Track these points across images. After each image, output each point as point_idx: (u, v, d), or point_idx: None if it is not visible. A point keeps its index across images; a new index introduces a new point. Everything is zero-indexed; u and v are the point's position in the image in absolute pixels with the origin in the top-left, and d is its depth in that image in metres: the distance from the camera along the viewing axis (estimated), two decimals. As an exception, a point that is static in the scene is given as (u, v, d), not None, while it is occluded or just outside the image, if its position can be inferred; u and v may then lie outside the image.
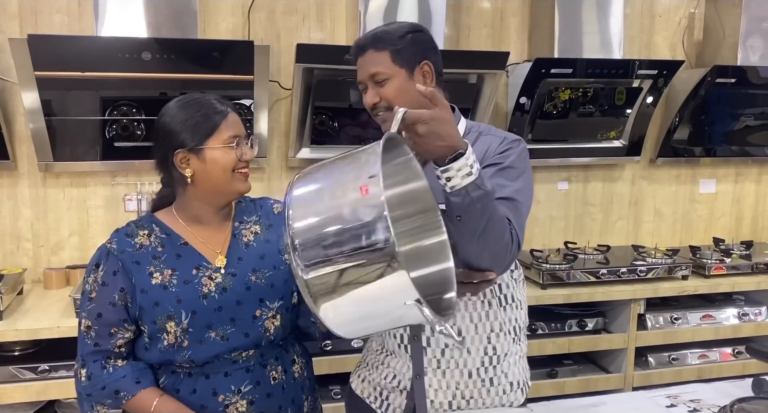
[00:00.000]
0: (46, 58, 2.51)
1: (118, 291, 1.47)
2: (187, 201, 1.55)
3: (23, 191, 2.84)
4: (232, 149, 1.49)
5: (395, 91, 1.55)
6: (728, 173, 3.78)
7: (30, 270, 2.86)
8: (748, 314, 3.27)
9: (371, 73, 1.55)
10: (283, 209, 1.09)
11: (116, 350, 1.49)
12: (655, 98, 3.31)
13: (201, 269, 1.51)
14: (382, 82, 1.55)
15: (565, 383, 3.00)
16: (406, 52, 1.56)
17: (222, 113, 1.50)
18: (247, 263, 1.55)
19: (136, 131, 2.80)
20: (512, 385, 1.72)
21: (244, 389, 1.52)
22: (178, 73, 2.69)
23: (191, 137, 1.47)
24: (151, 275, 1.47)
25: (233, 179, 1.51)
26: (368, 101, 1.58)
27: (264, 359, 1.56)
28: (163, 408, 1.46)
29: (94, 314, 1.47)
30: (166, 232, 1.54)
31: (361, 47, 1.59)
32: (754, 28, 3.33)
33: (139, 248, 1.50)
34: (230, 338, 1.49)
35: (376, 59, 1.55)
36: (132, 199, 2.92)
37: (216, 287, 1.50)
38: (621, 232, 3.64)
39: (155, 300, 1.46)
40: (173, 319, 1.45)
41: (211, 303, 1.48)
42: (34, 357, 2.49)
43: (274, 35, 3.00)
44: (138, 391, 1.47)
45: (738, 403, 1.41)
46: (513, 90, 3.20)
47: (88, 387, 1.49)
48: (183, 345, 1.47)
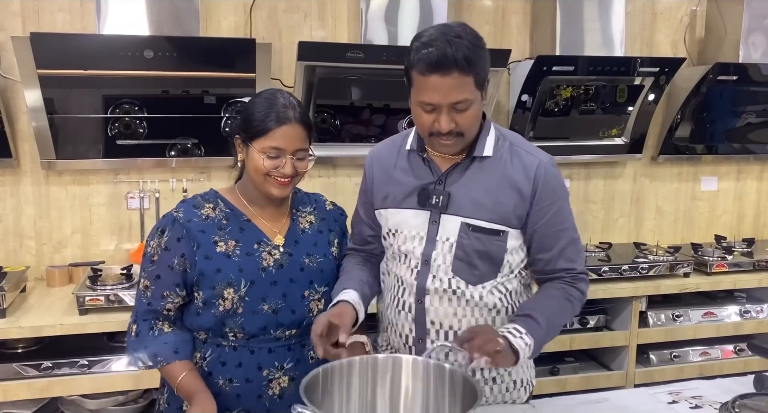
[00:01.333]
0: (48, 57, 2.51)
1: (179, 257, 1.57)
2: (247, 181, 1.65)
3: (26, 189, 2.85)
4: (264, 159, 1.54)
5: (474, 118, 1.51)
6: (730, 171, 3.78)
7: (33, 268, 2.87)
8: (749, 311, 3.27)
9: (456, 100, 1.45)
10: None
11: (165, 312, 1.61)
12: (656, 96, 3.31)
13: (262, 244, 1.61)
14: (463, 110, 1.47)
15: (566, 380, 3.01)
16: (485, 72, 1.48)
17: (279, 121, 1.54)
18: (302, 246, 1.66)
19: (139, 129, 2.80)
20: (515, 383, 1.73)
21: (286, 365, 1.62)
22: (180, 71, 2.70)
23: (245, 130, 1.57)
24: (216, 244, 1.58)
25: (265, 182, 1.58)
26: (444, 127, 1.48)
27: (303, 339, 1.64)
28: (187, 383, 1.55)
29: (153, 275, 1.59)
30: (230, 207, 1.64)
31: (446, 65, 1.41)
32: (756, 25, 3.33)
33: (205, 218, 1.61)
34: (279, 312, 1.59)
35: (462, 85, 1.44)
36: (134, 197, 2.92)
37: (274, 262, 1.60)
38: (622, 229, 3.64)
39: (218, 267, 1.56)
40: (233, 286, 1.56)
41: (269, 277, 1.59)
42: (37, 354, 2.50)
43: (275, 33, 3.01)
44: (174, 360, 1.58)
45: (740, 399, 1.41)
46: (514, 88, 3.20)
47: (135, 343, 1.61)
48: (238, 311, 1.56)
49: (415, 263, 1.64)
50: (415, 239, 1.64)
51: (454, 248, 1.60)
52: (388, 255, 1.75)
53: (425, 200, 1.61)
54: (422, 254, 1.63)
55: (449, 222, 1.60)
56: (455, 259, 1.60)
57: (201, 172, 3.00)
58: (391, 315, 1.72)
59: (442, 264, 1.62)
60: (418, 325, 1.66)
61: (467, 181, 1.60)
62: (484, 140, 1.61)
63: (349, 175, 3.17)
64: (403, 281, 1.67)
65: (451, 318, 1.64)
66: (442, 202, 1.60)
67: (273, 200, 1.65)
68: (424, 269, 1.63)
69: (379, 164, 1.74)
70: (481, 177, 1.60)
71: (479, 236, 1.58)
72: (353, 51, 2.74)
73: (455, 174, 1.62)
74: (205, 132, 2.87)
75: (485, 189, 1.59)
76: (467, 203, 1.59)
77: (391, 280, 1.73)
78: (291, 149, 1.55)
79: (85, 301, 2.43)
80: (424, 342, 1.65)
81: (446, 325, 1.64)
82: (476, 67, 1.44)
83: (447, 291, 1.62)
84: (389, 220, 1.70)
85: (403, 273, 1.67)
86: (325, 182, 3.15)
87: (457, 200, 1.59)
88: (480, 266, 1.61)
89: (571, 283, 1.63)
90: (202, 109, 2.86)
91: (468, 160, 1.61)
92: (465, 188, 1.60)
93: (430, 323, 1.65)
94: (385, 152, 1.75)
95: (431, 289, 1.63)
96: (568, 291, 1.62)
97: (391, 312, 1.72)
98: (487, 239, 1.59)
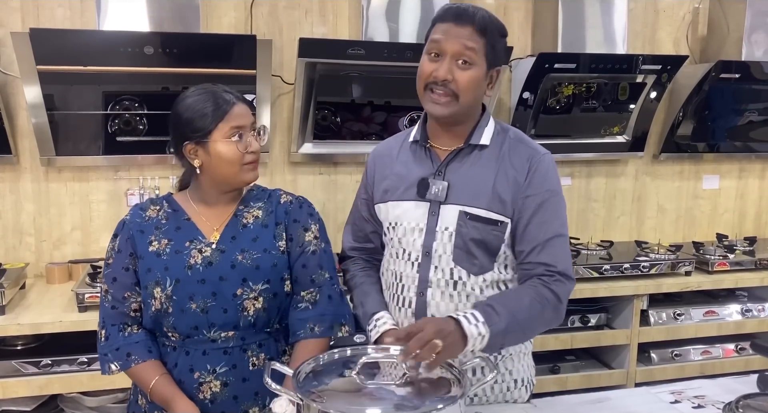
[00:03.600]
0: (48, 53, 2.49)
1: (129, 257, 1.60)
2: (198, 185, 1.64)
3: (25, 185, 2.84)
4: (235, 141, 1.53)
5: (472, 81, 1.52)
6: (732, 169, 3.76)
7: (32, 265, 2.86)
8: (751, 310, 3.26)
9: (466, 46, 1.49)
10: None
11: (132, 314, 1.61)
12: (658, 94, 3.29)
13: (194, 242, 1.59)
14: (465, 66, 1.51)
15: (567, 379, 3.00)
16: (497, 51, 1.54)
17: (226, 105, 1.54)
18: (238, 242, 1.60)
19: (139, 126, 2.79)
20: (516, 383, 1.72)
21: (219, 369, 1.57)
22: (181, 68, 2.68)
23: (196, 130, 1.53)
24: (150, 244, 1.59)
25: (240, 171, 1.57)
26: (441, 74, 1.51)
27: (245, 343, 1.59)
28: (160, 388, 1.53)
29: (110, 278, 1.61)
30: (174, 208, 1.65)
31: (463, 18, 1.50)
32: (759, 23, 3.32)
33: (147, 219, 1.63)
34: (210, 311, 1.55)
35: (472, 40, 1.49)
36: (134, 194, 2.92)
37: (202, 260, 1.57)
38: (624, 228, 3.63)
39: (148, 266, 1.57)
40: (160, 285, 1.55)
41: (195, 274, 1.55)
42: (37, 351, 2.49)
43: (276, 30, 3.00)
44: (148, 359, 1.57)
45: (743, 399, 1.40)
46: (516, 85, 3.19)
47: (105, 347, 1.60)
48: (168, 311, 1.55)
49: (416, 255, 1.64)
50: (415, 231, 1.64)
51: (453, 237, 1.59)
52: (388, 253, 1.74)
53: (425, 191, 1.61)
54: (423, 246, 1.62)
55: (448, 212, 1.60)
56: (455, 248, 1.60)
57: (201, 169, 2.98)
58: (391, 312, 1.72)
59: (443, 254, 1.61)
60: (417, 320, 1.64)
61: (466, 170, 1.61)
62: (482, 130, 1.62)
63: (350, 172, 3.16)
64: (403, 276, 1.67)
65: (452, 313, 1.63)
66: (441, 191, 1.59)
67: (229, 194, 1.63)
68: (425, 260, 1.63)
69: (381, 160, 1.76)
70: (479, 167, 1.60)
71: (476, 225, 1.58)
72: (354, 48, 2.72)
73: (454, 164, 1.62)
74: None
75: (483, 179, 1.59)
76: (465, 192, 1.59)
77: (390, 278, 1.72)
78: (249, 125, 1.58)
79: (85, 298, 2.42)
80: None
81: None
82: (491, 38, 1.50)
83: (449, 283, 1.61)
84: (389, 213, 1.70)
85: (403, 268, 1.66)
86: (325, 180, 3.14)
87: (455, 189, 1.59)
88: (478, 255, 1.59)
89: (546, 284, 1.53)
90: (203, 106, 2.84)
91: (467, 148, 1.62)
92: (464, 178, 1.60)
93: (430, 316, 1.64)
94: (388, 148, 1.76)
95: (434, 280, 1.62)
96: (539, 291, 1.52)
97: (392, 311, 1.71)
98: (485, 228, 1.58)
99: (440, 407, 1.19)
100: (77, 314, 2.42)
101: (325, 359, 1.38)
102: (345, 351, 1.42)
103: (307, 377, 1.31)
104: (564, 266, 1.56)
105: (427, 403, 1.21)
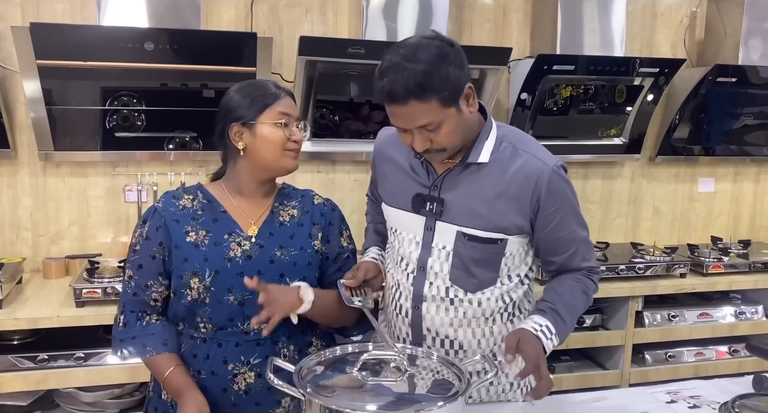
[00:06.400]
0: (48, 47, 2.49)
1: (158, 246, 1.59)
2: (236, 173, 1.64)
3: (23, 180, 2.83)
4: (280, 127, 1.57)
5: (449, 134, 1.46)
6: (727, 173, 3.79)
7: (29, 260, 2.85)
8: (744, 312, 3.28)
9: (421, 124, 1.42)
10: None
11: (152, 303, 1.62)
12: (655, 96, 3.31)
13: (233, 235, 1.60)
14: (435, 129, 1.43)
15: (562, 379, 3.01)
16: (452, 88, 1.41)
17: (276, 94, 1.59)
18: (276, 238, 1.62)
19: (137, 122, 2.79)
20: (512, 385, 1.72)
21: (253, 361, 1.58)
22: (180, 65, 2.69)
23: (245, 112, 1.57)
24: (187, 234, 1.59)
25: (283, 156, 1.59)
26: (418, 148, 1.47)
27: (275, 335, 1.59)
28: (175, 378, 1.54)
29: (136, 265, 1.61)
30: (209, 199, 1.65)
31: (398, 98, 1.39)
32: (756, 27, 3.34)
33: (181, 209, 1.62)
34: (246, 304, 1.56)
35: (423, 110, 1.40)
36: (132, 189, 2.91)
37: (242, 253, 1.58)
38: (619, 229, 3.65)
39: (185, 256, 1.57)
40: (198, 276, 1.55)
41: (234, 267, 1.56)
42: (33, 346, 2.49)
43: (276, 28, 3.00)
44: (163, 351, 1.58)
45: (739, 399, 1.42)
46: (514, 86, 3.20)
47: (122, 333, 1.62)
48: (205, 302, 1.55)
49: (412, 268, 1.64)
50: (412, 243, 1.64)
51: (451, 256, 1.58)
52: (389, 257, 1.75)
53: (420, 206, 1.60)
54: (418, 260, 1.63)
55: (445, 230, 1.58)
56: (453, 268, 1.59)
57: (199, 166, 2.99)
58: (390, 316, 1.73)
59: (440, 272, 1.61)
60: (414, 330, 1.66)
61: (463, 188, 1.57)
62: (481, 146, 1.56)
63: (348, 171, 3.17)
64: (401, 285, 1.67)
65: (447, 328, 1.63)
66: (436, 209, 1.58)
67: (266, 184, 1.66)
68: (420, 275, 1.63)
69: (385, 152, 1.74)
70: (477, 184, 1.56)
71: (476, 246, 1.57)
72: (354, 47, 2.73)
73: (450, 180, 1.59)
74: (204, 126, 2.85)
75: (481, 197, 1.55)
76: (463, 212, 1.56)
77: (390, 281, 1.73)
78: (295, 116, 1.61)
79: (83, 293, 2.42)
80: (420, 346, 1.64)
81: (442, 334, 1.64)
82: (435, 90, 1.38)
83: (444, 300, 1.61)
84: (391, 217, 1.71)
85: (401, 277, 1.67)
86: (323, 178, 3.14)
87: (452, 208, 1.57)
88: (478, 274, 1.59)
89: (588, 275, 1.65)
90: (201, 102, 2.84)
91: (461, 166, 1.57)
92: (460, 196, 1.57)
93: (426, 330, 1.65)
94: (391, 139, 1.72)
95: (428, 296, 1.62)
96: (585, 284, 1.64)
97: (390, 314, 1.73)
98: (484, 247, 1.57)
99: (441, 404, 1.20)
100: (74, 309, 2.42)
101: (328, 356, 1.39)
102: (347, 347, 1.44)
103: (310, 373, 1.32)
104: (594, 261, 1.67)
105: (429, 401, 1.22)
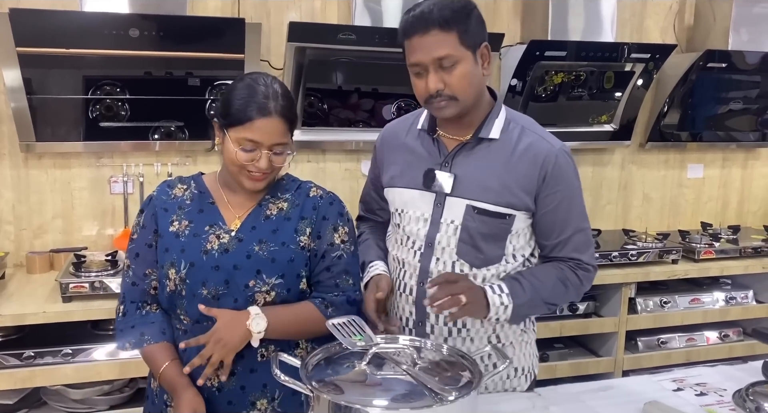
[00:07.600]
0: (28, 34, 2.41)
1: (153, 233, 1.58)
2: (224, 165, 1.59)
3: (4, 172, 2.75)
4: (243, 150, 1.47)
5: (463, 78, 1.47)
6: (715, 158, 3.80)
7: (12, 254, 2.78)
8: (735, 297, 3.30)
9: (439, 56, 1.45)
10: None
11: (151, 292, 1.60)
12: (645, 82, 3.30)
13: (214, 227, 1.56)
14: (450, 68, 1.46)
15: (556, 366, 3.01)
16: (473, 32, 1.46)
17: (258, 113, 1.45)
18: (257, 232, 1.55)
19: (121, 112, 2.72)
20: (516, 371, 1.72)
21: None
22: (165, 51, 2.62)
23: (223, 115, 1.50)
24: (171, 223, 1.56)
25: (239, 174, 1.52)
26: (431, 87, 1.47)
27: None
28: (171, 375, 1.51)
29: (133, 254, 1.60)
30: (201, 189, 1.62)
31: (422, 25, 1.44)
32: (744, 13, 3.34)
33: (172, 198, 1.60)
34: (221, 298, 1.50)
35: (443, 41, 1.43)
36: (118, 181, 2.84)
37: (219, 246, 1.53)
38: (610, 216, 3.65)
39: (166, 246, 1.55)
40: (174, 266, 1.52)
41: (210, 260, 1.51)
42: (19, 343, 2.42)
43: (264, 13, 2.93)
44: (161, 340, 1.55)
45: (752, 387, 1.41)
46: (505, 72, 3.17)
47: (121, 323, 1.60)
48: (181, 294, 1.52)
49: (419, 245, 1.64)
50: (420, 220, 1.64)
51: (459, 230, 1.59)
52: (393, 238, 1.74)
53: (431, 182, 1.60)
54: (426, 236, 1.62)
55: (454, 205, 1.59)
56: (460, 242, 1.59)
57: (186, 156, 2.92)
58: (393, 297, 1.70)
59: (447, 247, 1.61)
60: (418, 308, 1.65)
61: (474, 163, 1.59)
62: (492, 122, 1.59)
63: (339, 160, 3.12)
64: (406, 263, 1.67)
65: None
66: (447, 183, 1.58)
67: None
68: (427, 251, 1.63)
69: (389, 142, 1.74)
70: (488, 160, 1.58)
71: (484, 219, 1.57)
72: (345, 32, 2.68)
73: (461, 156, 1.60)
74: (190, 115, 2.80)
75: (492, 172, 1.57)
76: (473, 186, 1.57)
77: (393, 263, 1.73)
78: (268, 143, 1.46)
79: (69, 288, 2.36)
80: (424, 325, 1.66)
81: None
82: (458, 25, 1.44)
83: None
84: (396, 199, 1.70)
85: (406, 256, 1.67)
86: (314, 167, 3.09)
87: (463, 182, 1.58)
88: (485, 248, 1.59)
89: (572, 268, 1.63)
90: (187, 91, 2.77)
91: (474, 141, 1.59)
92: (471, 171, 1.58)
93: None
94: (396, 130, 1.75)
95: (434, 272, 1.62)
96: (565, 273, 1.62)
97: (393, 295, 1.70)
98: (493, 222, 1.58)
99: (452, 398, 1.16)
100: (61, 304, 2.35)
101: (334, 350, 1.35)
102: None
103: (316, 367, 1.28)
104: (588, 257, 1.64)
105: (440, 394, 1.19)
